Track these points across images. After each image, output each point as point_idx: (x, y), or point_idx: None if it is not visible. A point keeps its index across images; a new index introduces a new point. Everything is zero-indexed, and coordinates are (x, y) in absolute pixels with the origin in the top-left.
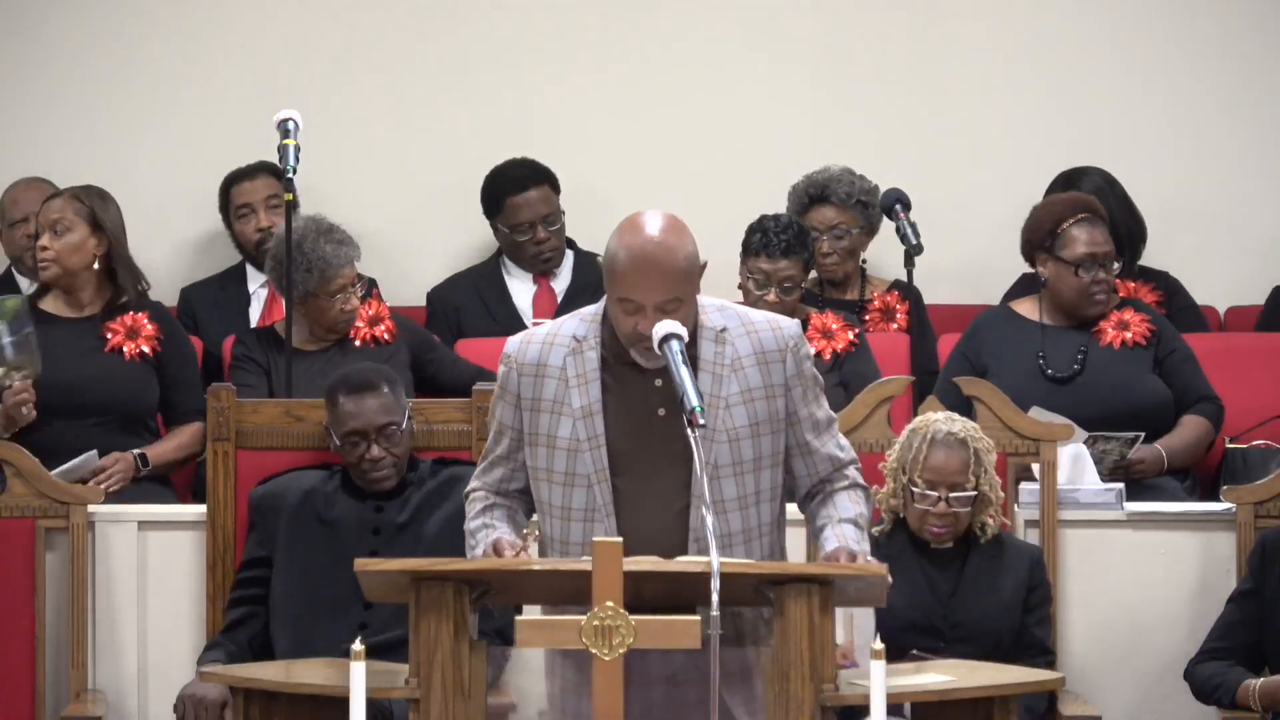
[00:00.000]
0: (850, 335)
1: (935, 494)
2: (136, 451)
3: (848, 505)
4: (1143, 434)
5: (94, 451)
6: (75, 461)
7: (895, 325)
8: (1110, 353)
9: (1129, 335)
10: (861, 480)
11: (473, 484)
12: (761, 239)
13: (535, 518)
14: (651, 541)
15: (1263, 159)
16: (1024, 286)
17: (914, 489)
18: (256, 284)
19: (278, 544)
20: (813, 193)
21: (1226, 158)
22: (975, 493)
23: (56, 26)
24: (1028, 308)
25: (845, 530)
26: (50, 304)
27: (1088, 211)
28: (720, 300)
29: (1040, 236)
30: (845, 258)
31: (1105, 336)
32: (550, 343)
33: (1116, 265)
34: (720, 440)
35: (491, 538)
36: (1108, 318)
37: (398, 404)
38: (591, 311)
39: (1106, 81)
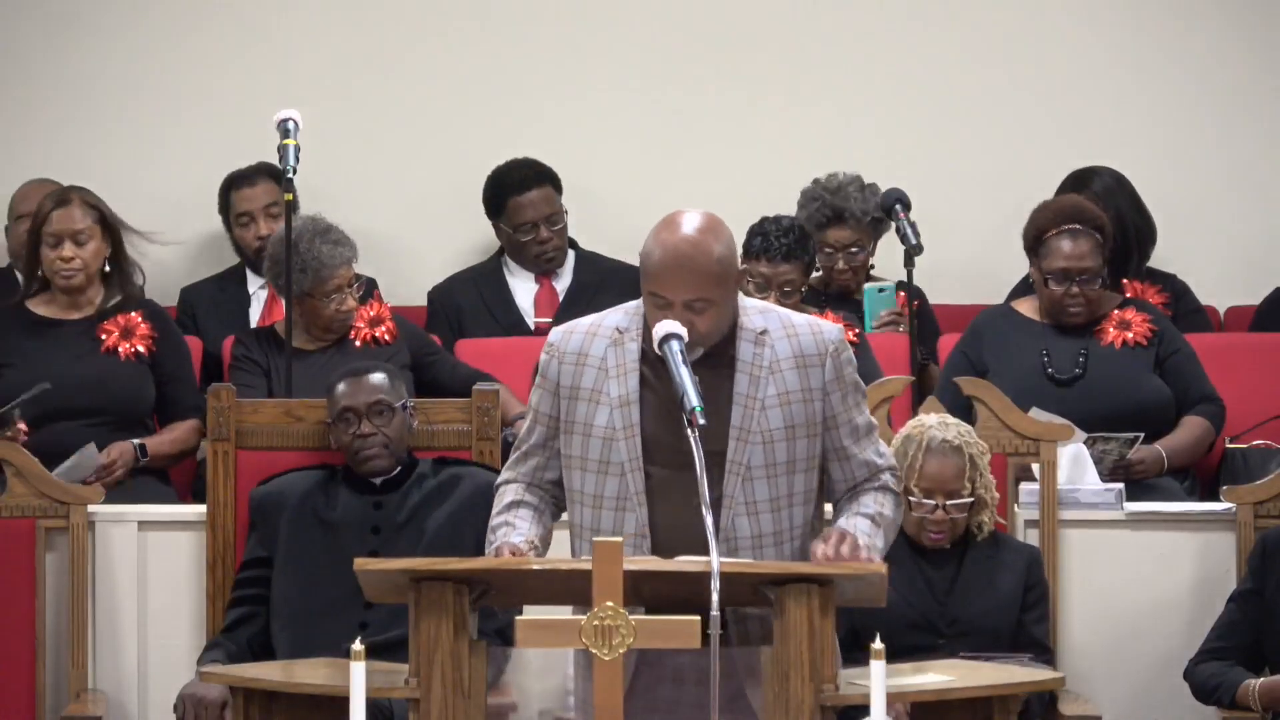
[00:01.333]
0: (851, 335)
1: (932, 502)
2: (136, 442)
3: (869, 502)
4: (1142, 434)
5: (91, 445)
6: (73, 459)
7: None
8: (1111, 353)
9: (1130, 335)
10: (894, 486)
11: (505, 475)
12: (762, 242)
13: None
14: (681, 532)
15: (1263, 159)
16: (1029, 285)
17: (910, 497)
18: (256, 285)
19: (278, 544)
20: (827, 214)
21: (1226, 157)
22: (972, 499)
23: (60, 29)
24: (1029, 307)
25: (858, 523)
26: (43, 307)
27: (1078, 222)
28: (764, 303)
29: (1028, 240)
30: (859, 271)
31: (1106, 336)
32: (593, 333)
33: (1099, 281)
34: (755, 441)
35: (504, 539)
36: (1109, 317)
37: (392, 388)
38: (635, 304)
39: (1106, 82)
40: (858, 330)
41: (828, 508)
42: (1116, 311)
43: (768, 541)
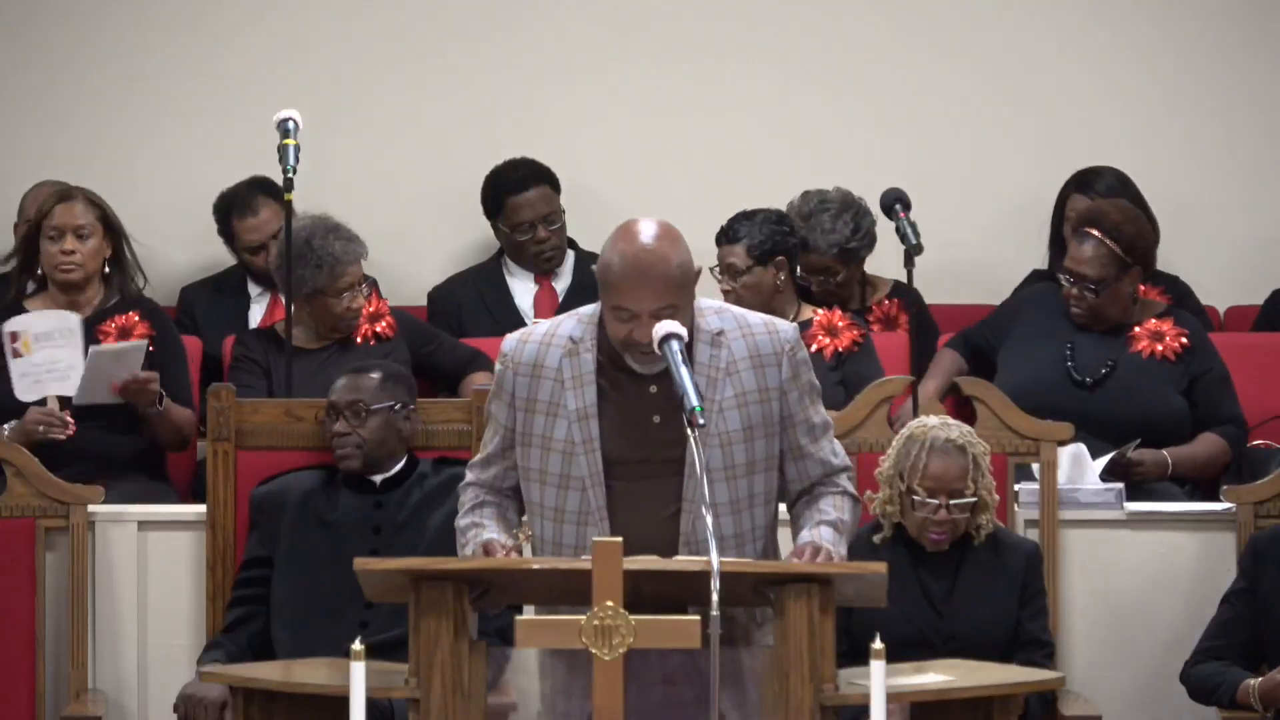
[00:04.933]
0: (855, 334)
1: (936, 502)
2: (161, 393)
3: (829, 509)
4: (1139, 439)
5: (145, 343)
6: (123, 346)
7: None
8: (1139, 361)
9: (1160, 348)
10: (852, 489)
11: (468, 478)
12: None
13: (525, 517)
14: (643, 546)
15: (1263, 158)
16: (1030, 280)
17: (914, 497)
18: (256, 290)
19: (279, 543)
20: (793, 241)
21: (1227, 157)
22: (975, 499)
23: (64, 31)
24: None
25: (822, 531)
26: (39, 307)
27: (1093, 226)
28: (719, 303)
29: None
30: (836, 294)
31: (1137, 344)
32: (547, 343)
33: (1097, 291)
34: (713, 444)
35: (482, 538)
36: (1144, 325)
37: (380, 390)
38: (589, 312)
39: (1107, 82)
40: (863, 332)
41: (781, 508)
42: (1154, 321)
43: (729, 544)
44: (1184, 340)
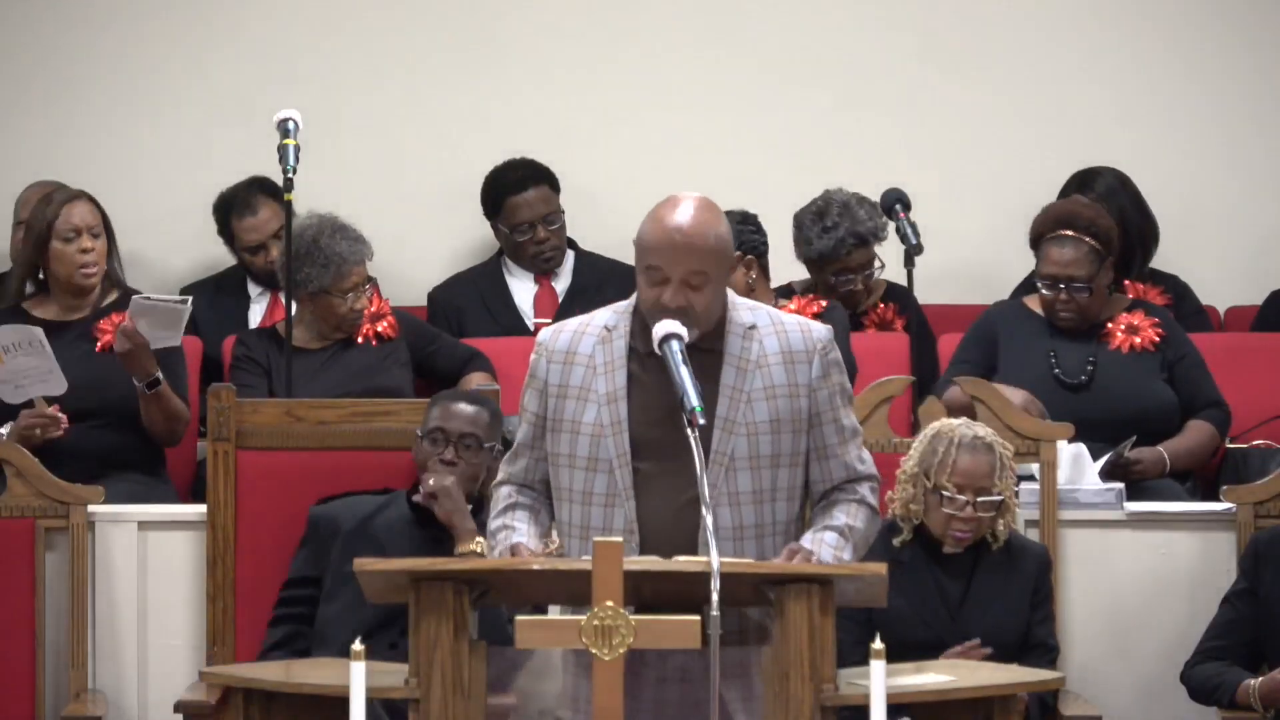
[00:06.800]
0: (819, 307)
1: (963, 499)
2: (160, 375)
3: (840, 515)
4: (1134, 437)
5: (190, 302)
6: (167, 303)
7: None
8: (1119, 357)
9: (1137, 340)
10: (872, 500)
11: (499, 475)
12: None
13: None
14: (669, 527)
15: (1263, 159)
16: (1031, 285)
17: (943, 493)
18: (256, 291)
19: (329, 566)
20: (852, 241)
21: (1227, 157)
22: (1001, 497)
23: (63, 32)
24: (1039, 303)
25: (825, 536)
26: (41, 309)
27: (1070, 228)
28: (753, 301)
29: (1031, 242)
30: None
31: (1114, 340)
32: (582, 332)
33: (1088, 290)
34: (739, 433)
35: (510, 541)
36: (1116, 320)
37: (490, 429)
38: (625, 304)
39: (1109, 81)
40: (833, 304)
41: None
42: (1124, 315)
43: (749, 534)
44: (1158, 329)
